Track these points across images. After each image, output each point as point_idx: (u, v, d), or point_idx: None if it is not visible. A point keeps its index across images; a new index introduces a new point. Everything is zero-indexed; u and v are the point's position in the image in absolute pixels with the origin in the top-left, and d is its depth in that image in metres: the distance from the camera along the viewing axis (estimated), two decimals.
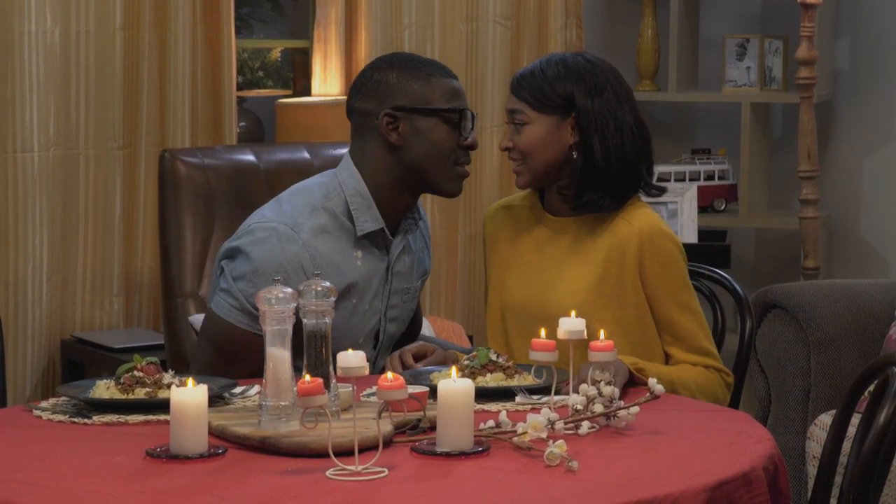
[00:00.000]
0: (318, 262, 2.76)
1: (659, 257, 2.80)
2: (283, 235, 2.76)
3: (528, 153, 2.81)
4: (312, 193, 2.84)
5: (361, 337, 2.85)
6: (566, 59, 2.85)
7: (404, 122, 2.79)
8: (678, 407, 2.56)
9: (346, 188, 2.83)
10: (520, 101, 2.82)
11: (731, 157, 4.97)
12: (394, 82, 2.81)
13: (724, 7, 5.17)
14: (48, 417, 2.45)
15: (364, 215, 2.81)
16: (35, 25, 4.02)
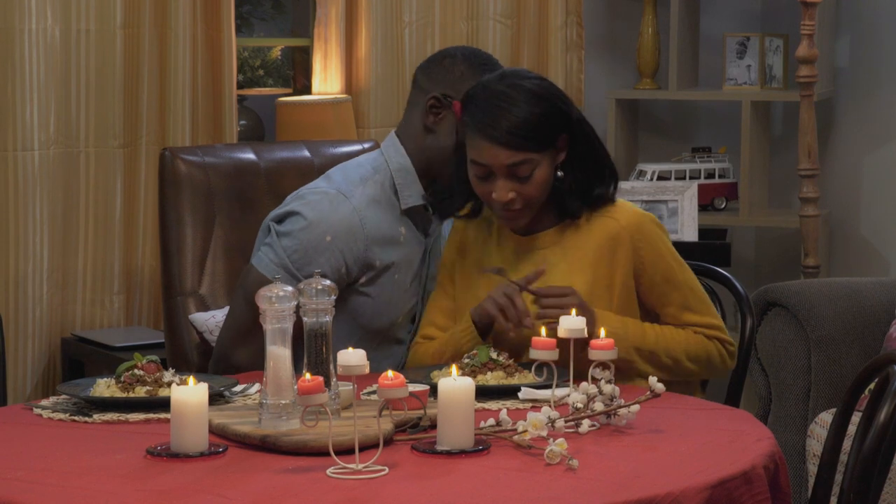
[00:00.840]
0: (368, 228, 2.80)
1: (653, 244, 2.79)
2: (335, 199, 2.82)
3: (537, 196, 2.74)
4: (362, 166, 2.91)
5: (401, 315, 2.89)
6: (529, 87, 2.71)
7: (446, 111, 2.86)
8: (679, 405, 2.56)
9: (392, 163, 2.89)
10: (522, 152, 2.69)
11: (731, 156, 4.96)
12: (457, 74, 2.87)
13: (724, 5, 5.17)
14: (49, 416, 2.45)
15: (408, 189, 2.87)
16: (35, 24, 4.02)
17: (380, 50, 4.64)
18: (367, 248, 2.82)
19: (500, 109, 2.69)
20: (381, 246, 2.81)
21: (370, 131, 4.63)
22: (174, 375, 2.52)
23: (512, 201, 2.72)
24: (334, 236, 2.74)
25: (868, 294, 3.83)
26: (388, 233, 2.85)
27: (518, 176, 2.70)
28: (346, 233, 2.77)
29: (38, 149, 4.01)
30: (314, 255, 2.78)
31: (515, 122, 2.68)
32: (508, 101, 2.70)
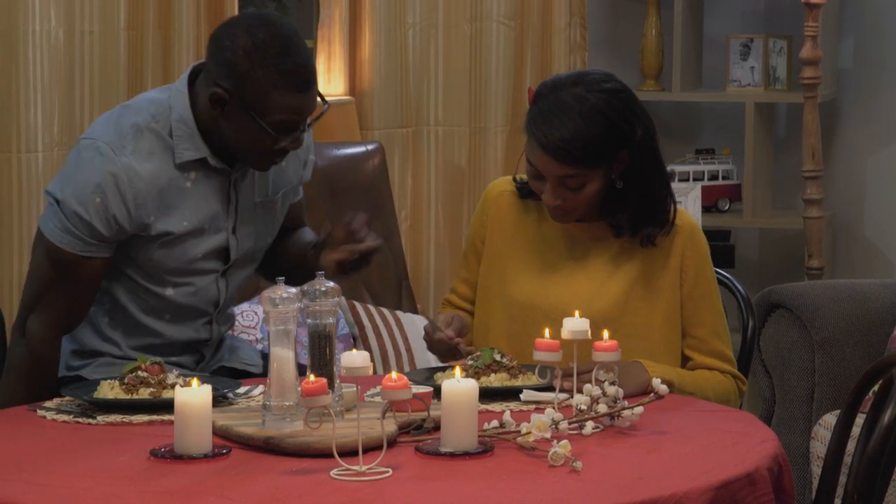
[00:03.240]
0: (136, 183, 2.72)
1: (700, 255, 2.79)
2: (104, 155, 2.73)
3: (585, 206, 2.71)
4: (141, 112, 2.79)
5: (201, 253, 2.80)
6: (595, 103, 2.65)
7: (232, 104, 2.71)
8: (682, 407, 2.56)
9: (173, 113, 2.77)
10: (572, 167, 2.65)
11: (735, 157, 4.96)
12: (239, 71, 2.69)
13: (728, 7, 5.17)
14: (52, 417, 2.45)
15: (185, 143, 2.76)
16: (39, 25, 4.02)
17: (383, 52, 4.64)
18: (138, 208, 2.73)
19: (558, 120, 2.64)
20: (157, 197, 2.74)
21: (373, 133, 4.63)
22: (178, 377, 2.52)
23: (559, 207, 2.71)
24: (102, 197, 2.69)
25: (872, 295, 3.82)
26: (165, 183, 2.75)
27: (567, 186, 2.67)
28: (111, 192, 2.71)
29: (41, 150, 4.01)
30: (91, 218, 2.71)
31: (567, 137, 2.63)
32: (568, 114, 2.64)
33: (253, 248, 2.90)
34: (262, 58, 2.69)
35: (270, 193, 2.90)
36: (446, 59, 4.77)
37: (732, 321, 3.16)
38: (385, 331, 3.96)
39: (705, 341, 2.78)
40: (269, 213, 2.91)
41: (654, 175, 2.74)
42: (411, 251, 4.71)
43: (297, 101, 2.71)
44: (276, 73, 2.68)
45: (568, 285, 2.77)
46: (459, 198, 4.76)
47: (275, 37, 2.72)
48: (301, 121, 2.74)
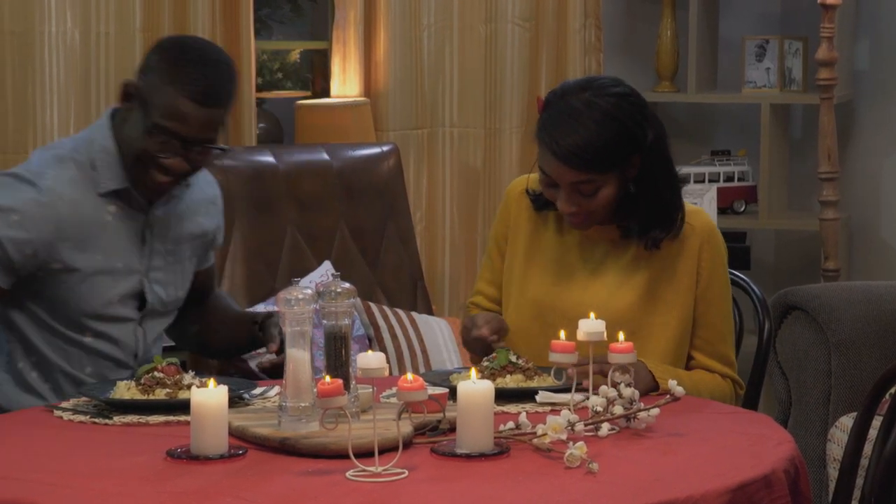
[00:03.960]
0: (60, 208, 2.69)
1: (716, 256, 2.77)
2: (22, 180, 2.71)
3: (600, 211, 2.70)
4: (62, 146, 2.80)
5: (117, 296, 2.77)
6: (605, 107, 2.64)
7: (133, 100, 2.72)
8: (698, 409, 2.56)
9: (94, 144, 2.75)
10: (587, 173, 2.64)
11: (750, 159, 4.95)
12: (151, 65, 2.71)
13: (743, 8, 5.16)
14: (69, 418, 2.45)
15: (107, 172, 2.74)
16: (55, 27, 4.03)
17: (398, 53, 4.64)
18: (58, 232, 2.70)
19: (568, 126, 2.63)
20: (78, 225, 2.70)
21: (389, 134, 4.63)
22: (194, 378, 2.52)
23: (575, 214, 2.69)
24: (20, 218, 2.65)
25: (888, 297, 3.81)
26: (86, 212, 2.72)
27: (582, 192, 2.67)
28: (31, 217, 2.67)
29: None
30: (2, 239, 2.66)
31: (580, 142, 2.62)
32: (578, 119, 2.63)
33: (166, 296, 2.85)
34: (177, 57, 2.69)
35: (183, 243, 2.86)
36: (461, 61, 4.77)
37: (748, 323, 3.15)
38: (400, 332, 3.96)
39: (711, 343, 2.78)
40: (178, 263, 2.88)
41: (664, 179, 2.73)
42: (426, 252, 4.71)
43: (188, 110, 2.66)
44: (182, 74, 2.67)
45: (585, 287, 2.76)
46: (474, 199, 4.76)
47: (201, 48, 2.75)
48: (182, 134, 2.67)
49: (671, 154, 2.76)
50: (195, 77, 2.67)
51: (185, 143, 2.68)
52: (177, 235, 2.86)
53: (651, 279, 2.75)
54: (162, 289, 2.84)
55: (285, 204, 4.00)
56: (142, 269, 2.81)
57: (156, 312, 2.84)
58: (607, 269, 2.77)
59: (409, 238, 4.24)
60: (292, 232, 4.02)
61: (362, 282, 4.04)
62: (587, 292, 2.75)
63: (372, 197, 4.15)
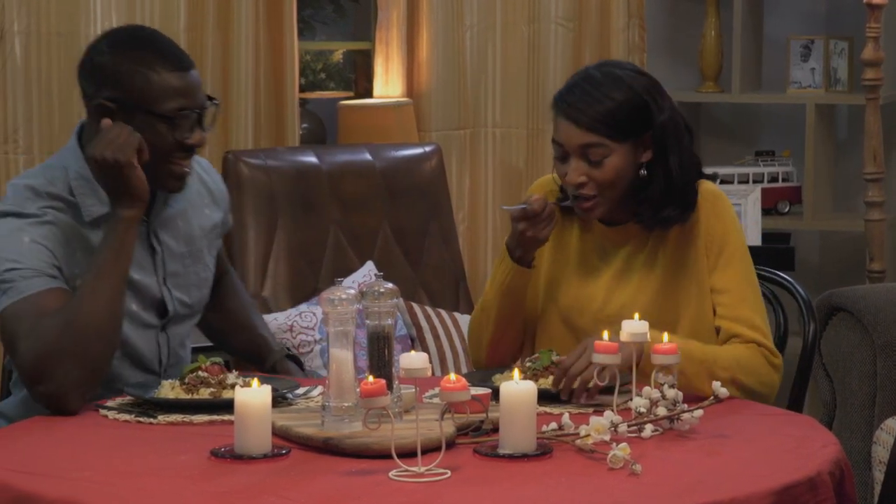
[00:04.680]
0: (55, 231, 2.58)
1: (723, 220, 2.73)
2: (9, 212, 2.59)
3: (609, 185, 2.68)
4: (35, 176, 2.65)
5: (136, 309, 2.66)
6: (620, 75, 2.69)
7: (118, 114, 2.58)
8: (742, 410, 2.54)
9: (70, 172, 2.63)
10: (595, 134, 2.65)
11: (795, 159, 4.93)
12: (111, 70, 2.58)
13: (788, 7, 5.13)
14: (114, 417, 2.47)
15: (89, 199, 2.61)
16: (101, 28, 4.05)
17: (441, 53, 4.64)
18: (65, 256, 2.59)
19: (585, 92, 2.68)
20: (71, 257, 2.58)
21: (431, 134, 4.63)
22: (238, 377, 2.53)
23: (584, 185, 2.68)
24: (31, 236, 2.55)
25: None
26: (77, 243, 2.60)
27: (590, 159, 2.67)
28: (37, 235, 2.56)
29: None
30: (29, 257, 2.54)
31: (593, 104, 2.66)
32: (596, 86, 2.68)
33: (189, 299, 2.77)
34: (130, 48, 2.60)
35: (197, 241, 2.78)
36: (504, 61, 4.77)
37: (793, 325, 3.13)
38: (443, 332, 3.96)
39: (730, 307, 2.71)
40: (198, 263, 2.79)
41: (676, 159, 2.72)
42: (468, 253, 4.71)
43: (181, 82, 2.60)
44: (149, 57, 2.58)
45: (609, 288, 2.76)
46: (517, 199, 4.73)
47: (134, 31, 2.68)
48: (193, 105, 2.61)
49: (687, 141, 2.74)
50: (160, 52, 2.59)
51: (200, 111, 2.63)
52: (188, 234, 2.76)
53: (671, 272, 2.73)
54: (183, 293, 2.75)
55: (328, 204, 4.01)
56: (158, 278, 2.71)
57: (179, 317, 2.76)
58: (629, 268, 2.76)
59: (451, 238, 4.24)
60: (335, 232, 4.03)
61: (405, 282, 4.04)
62: (612, 293, 2.75)
63: (414, 197, 4.16)
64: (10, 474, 2.13)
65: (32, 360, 2.48)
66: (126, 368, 2.68)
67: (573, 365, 2.50)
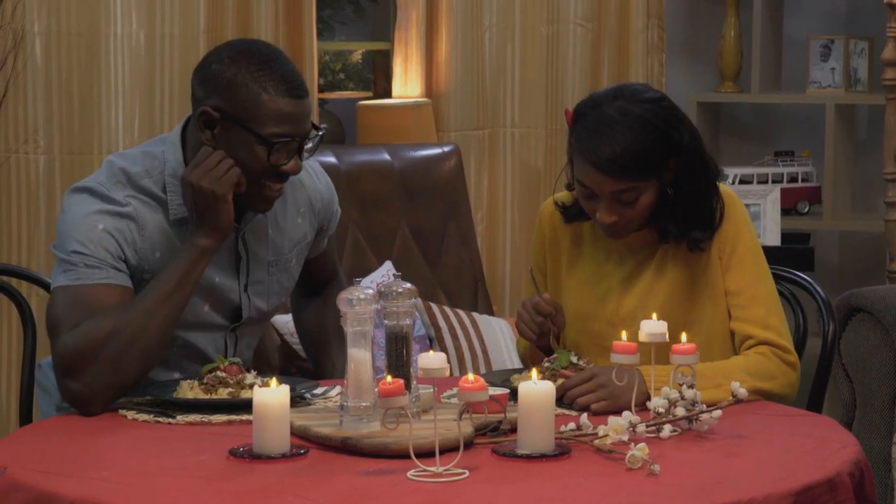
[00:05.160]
0: (138, 218, 2.57)
1: (734, 221, 2.72)
2: (95, 192, 2.58)
3: (641, 218, 2.67)
4: (135, 162, 2.63)
5: (209, 311, 2.66)
6: (639, 113, 2.62)
7: (220, 125, 2.57)
8: (761, 411, 2.54)
9: (167, 167, 2.62)
10: (628, 181, 2.61)
11: (814, 159, 4.92)
12: (225, 81, 2.56)
13: (808, 7, 5.12)
14: (133, 417, 2.47)
15: (179, 199, 2.60)
16: (121, 28, 4.07)
17: (460, 53, 4.64)
18: (141, 243, 2.59)
19: (605, 136, 2.61)
20: (160, 257, 2.57)
21: (450, 135, 4.63)
22: (256, 377, 2.54)
23: (615, 224, 2.67)
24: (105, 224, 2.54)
25: None
26: (165, 239, 2.60)
27: (622, 201, 2.65)
28: (112, 223, 2.55)
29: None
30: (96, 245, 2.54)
31: (619, 151, 2.60)
32: (615, 128, 2.61)
33: (267, 307, 2.76)
34: (249, 63, 2.56)
35: (286, 251, 2.75)
36: (523, 61, 4.77)
37: (812, 325, 3.12)
38: (461, 332, 3.96)
39: (743, 307, 2.70)
40: (283, 273, 2.76)
41: (701, 178, 2.70)
42: (487, 253, 4.71)
43: (291, 108, 2.56)
44: (266, 77, 2.55)
45: (623, 292, 2.75)
46: (535, 200, 4.76)
47: (259, 46, 2.64)
48: (297, 133, 2.57)
49: (707, 152, 2.72)
50: (278, 74, 2.57)
51: (301, 140, 2.59)
52: (277, 244, 2.74)
53: (684, 275, 2.73)
54: (262, 300, 2.73)
55: (347, 204, 4.01)
56: (239, 284, 2.70)
57: (251, 321, 2.76)
58: (643, 272, 2.75)
59: (469, 238, 4.24)
60: (354, 232, 4.03)
61: (423, 282, 4.04)
62: (624, 297, 2.74)
63: (433, 197, 4.16)
64: (30, 474, 2.14)
65: (71, 354, 2.48)
66: (188, 364, 2.69)
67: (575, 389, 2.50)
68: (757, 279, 2.72)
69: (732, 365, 2.63)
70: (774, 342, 2.68)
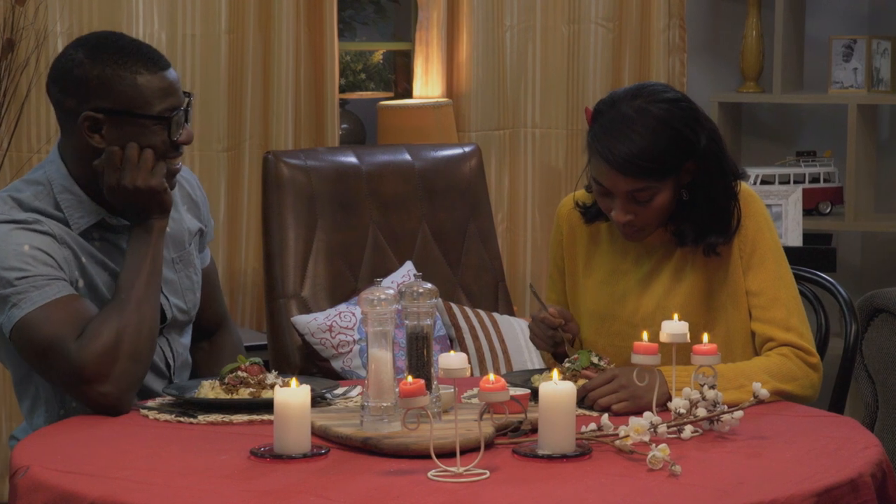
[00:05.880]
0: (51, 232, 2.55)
1: (755, 220, 2.71)
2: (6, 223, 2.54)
3: (656, 219, 2.67)
4: (21, 190, 2.60)
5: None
6: (656, 113, 2.61)
7: (108, 124, 2.54)
8: (782, 411, 2.53)
9: (55, 186, 2.59)
10: (643, 181, 2.61)
11: (836, 160, 4.90)
12: (96, 81, 2.52)
13: (830, 7, 5.10)
14: (154, 416, 2.48)
15: (77, 212, 2.58)
16: (142, 29, 4.08)
17: (481, 54, 4.64)
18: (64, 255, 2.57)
19: (622, 135, 2.60)
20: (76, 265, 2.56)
21: (471, 135, 4.63)
22: (277, 377, 2.54)
23: (630, 223, 2.67)
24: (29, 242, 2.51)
25: None
26: (74, 248, 2.58)
27: (638, 200, 2.64)
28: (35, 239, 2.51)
29: None
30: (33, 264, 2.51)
31: (636, 150, 2.59)
32: (632, 128, 2.60)
33: (185, 304, 2.74)
34: (108, 55, 2.54)
35: (186, 245, 2.74)
36: (544, 61, 4.76)
37: (834, 326, 3.11)
38: (482, 333, 3.96)
39: (763, 309, 2.69)
40: (189, 267, 2.76)
41: (719, 183, 2.69)
42: (508, 253, 4.71)
43: (167, 82, 2.56)
44: (132, 62, 2.54)
45: (641, 293, 2.75)
46: (556, 200, 4.75)
47: (105, 36, 2.62)
48: (180, 103, 2.57)
49: (726, 154, 2.71)
50: (141, 54, 2.55)
51: (185, 109, 2.60)
52: (177, 239, 2.73)
53: (704, 275, 2.72)
54: (179, 298, 2.72)
55: (367, 204, 4.02)
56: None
57: (177, 323, 2.75)
58: (661, 272, 2.75)
59: (490, 238, 4.24)
60: (374, 232, 4.04)
61: (444, 282, 4.04)
62: (643, 297, 2.74)
63: (454, 197, 4.16)
64: (51, 473, 2.15)
65: (92, 359, 2.47)
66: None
67: (596, 390, 2.50)
68: (778, 280, 2.71)
69: (754, 366, 2.62)
70: (796, 343, 2.67)
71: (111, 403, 2.48)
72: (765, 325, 2.69)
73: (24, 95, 3.97)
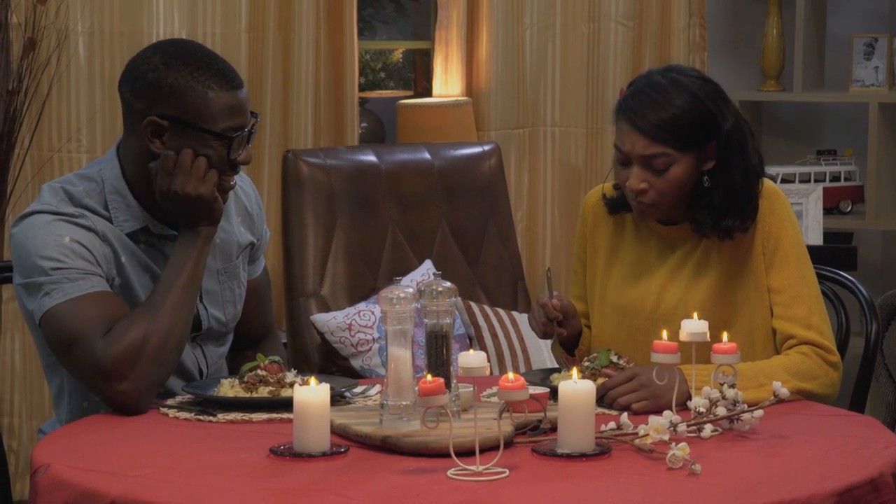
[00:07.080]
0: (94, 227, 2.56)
1: (779, 217, 2.71)
2: (46, 212, 2.56)
3: (669, 193, 2.67)
4: (73, 184, 2.62)
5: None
6: (685, 83, 2.66)
7: (171, 132, 2.55)
8: (802, 411, 2.53)
9: (106, 185, 2.61)
10: (660, 144, 2.63)
11: (857, 158, 4.88)
12: (167, 87, 2.54)
13: (851, 5, 5.09)
14: (174, 415, 2.48)
15: (123, 214, 2.60)
16: (163, 28, 4.09)
17: (500, 52, 4.64)
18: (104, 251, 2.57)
19: (651, 100, 2.64)
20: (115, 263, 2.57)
21: (490, 133, 4.63)
22: (296, 376, 2.54)
23: (644, 192, 2.67)
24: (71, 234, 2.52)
25: None
26: (118, 246, 2.59)
27: (654, 168, 2.65)
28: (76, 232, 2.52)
29: None
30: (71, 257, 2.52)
31: (661, 114, 2.63)
32: (662, 94, 2.65)
33: (224, 316, 2.74)
34: (184, 65, 2.56)
35: (233, 257, 2.75)
36: (563, 60, 4.76)
37: (855, 325, 3.10)
38: (501, 331, 3.96)
39: (785, 306, 2.69)
40: (233, 280, 2.76)
41: (738, 168, 2.69)
42: (527, 252, 4.71)
43: (236, 100, 2.57)
44: (206, 76, 2.55)
45: (663, 288, 2.75)
46: (575, 198, 4.75)
47: (186, 46, 2.63)
48: (246, 123, 2.59)
49: (750, 145, 2.71)
50: (216, 69, 2.56)
51: (250, 129, 2.61)
52: (226, 251, 2.74)
53: (726, 271, 2.71)
54: (218, 310, 2.73)
55: (387, 203, 4.02)
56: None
57: (213, 333, 2.75)
58: (684, 267, 2.75)
59: (509, 237, 4.24)
60: (394, 231, 4.04)
61: (463, 281, 4.04)
62: (666, 292, 2.74)
63: (473, 196, 4.16)
64: (71, 471, 2.15)
65: (115, 359, 2.47)
66: (171, 378, 2.67)
67: (616, 389, 2.50)
68: (800, 277, 2.71)
69: (774, 364, 2.62)
70: (816, 342, 2.66)
71: (129, 402, 2.49)
72: (786, 322, 2.69)
73: (46, 94, 3.98)
